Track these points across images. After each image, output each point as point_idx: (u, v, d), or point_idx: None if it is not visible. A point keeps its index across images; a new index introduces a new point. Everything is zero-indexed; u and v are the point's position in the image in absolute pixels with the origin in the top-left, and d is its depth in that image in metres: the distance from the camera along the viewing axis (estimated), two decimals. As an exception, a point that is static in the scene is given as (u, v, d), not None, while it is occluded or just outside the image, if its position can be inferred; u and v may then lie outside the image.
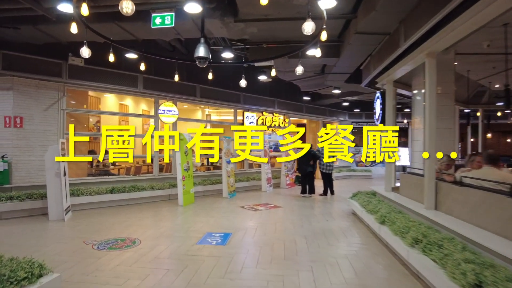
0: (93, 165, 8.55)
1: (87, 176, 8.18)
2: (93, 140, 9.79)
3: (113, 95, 10.96)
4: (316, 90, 10.58)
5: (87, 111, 8.22)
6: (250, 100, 10.70)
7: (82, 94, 8.40)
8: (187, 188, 7.81)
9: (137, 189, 7.90)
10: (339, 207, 7.83)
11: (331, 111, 14.69)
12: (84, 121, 8.36)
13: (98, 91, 7.90)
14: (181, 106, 14.57)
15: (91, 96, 9.69)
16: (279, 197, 9.31)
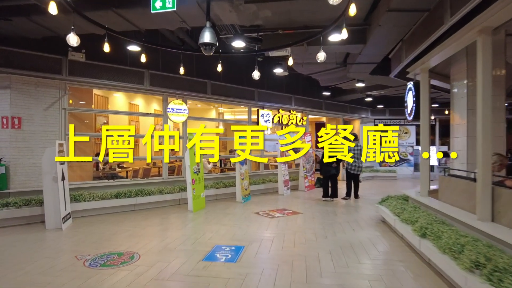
0: (99, 167, 8.06)
1: (92, 179, 7.70)
2: (100, 142, 9.32)
3: (122, 94, 10.51)
4: (337, 84, 9.76)
5: (90, 110, 7.73)
6: (265, 97, 9.99)
7: (87, 93, 7.94)
8: (197, 192, 7.18)
9: (145, 193, 7.34)
10: (366, 214, 7.00)
11: (352, 108, 13.78)
12: (89, 122, 7.89)
13: (101, 88, 7.40)
14: (194, 106, 14.06)
15: (98, 95, 9.25)
16: (297, 201, 8.56)
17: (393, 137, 5.68)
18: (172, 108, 7.99)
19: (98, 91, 9.25)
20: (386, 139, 5.64)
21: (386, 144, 5.64)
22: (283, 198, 8.98)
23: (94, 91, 9.10)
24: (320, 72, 8.73)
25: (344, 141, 5.58)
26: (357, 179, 9.18)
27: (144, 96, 11.23)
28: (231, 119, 14.41)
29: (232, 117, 15.75)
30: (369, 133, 5.70)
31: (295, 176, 10.76)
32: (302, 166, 10.32)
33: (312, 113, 11.95)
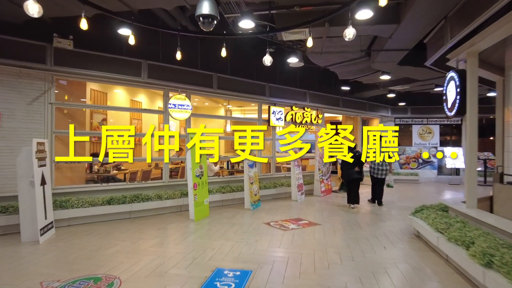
0: (93, 169, 7.28)
1: (85, 183, 6.91)
2: (97, 141, 8.56)
3: (123, 90, 9.75)
4: (357, 77, 8.76)
5: (80, 105, 6.91)
6: (278, 92, 9.06)
7: (79, 86, 7.15)
8: (200, 199, 6.31)
9: (141, 199, 6.52)
10: (395, 225, 6.00)
11: (371, 106, 12.71)
12: (81, 118, 7.11)
13: (92, 80, 6.55)
14: (202, 104, 13.25)
15: (95, 90, 8.49)
16: (313, 208, 7.59)
17: (393, 137, 5.71)
18: (173, 104, 7.14)
19: (95, 85, 8.50)
20: (386, 139, 5.71)
21: (386, 144, 5.67)
22: (297, 204, 8.03)
23: (91, 86, 8.37)
24: (339, 64, 7.76)
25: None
26: (382, 183, 8.23)
27: (148, 92, 10.46)
28: (239, 117, 13.55)
29: (241, 115, 14.89)
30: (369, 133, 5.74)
31: (309, 179, 9.79)
32: (318, 169, 9.35)
33: (329, 111, 10.95)
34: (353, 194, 7.83)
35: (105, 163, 7.81)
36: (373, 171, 8.13)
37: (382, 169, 8.08)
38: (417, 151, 14.29)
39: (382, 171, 8.04)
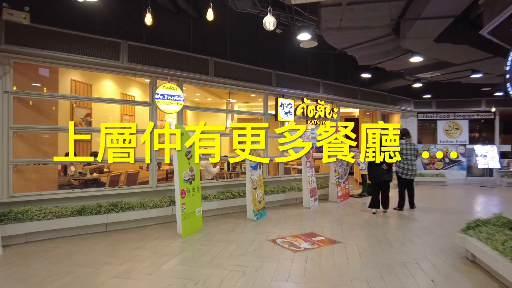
0: (67, 172, 6.16)
1: (57, 188, 5.79)
2: (78, 139, 7.47)
3: (112, 82, 8.67)
4: (381, 62, 7.43)
5: (47, 95, 5.59)
6: (286, 82, 7.80)
7: (53, 75, 5.98)
8: (190, 209, 5.11)
9: (120, 208, 5.37)
10: (435, 242, 4.69)
11: (392, 99, 11.30)
12: (49, 111, 5.94)
13: (56, 64, 5.24)
14: (204, 100, 12.09)
15: (77, 81, 7.41)
16: (330, 218, 6.31)
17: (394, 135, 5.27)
18: (162, 94, 5.97)
19: (76, 75, 7.43)
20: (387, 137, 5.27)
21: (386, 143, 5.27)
22: (310, 213, 6.76)
23: (71, 75, 7.28)
24: (360, 45, 6.45)
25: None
26: (411, 185, 7.09)
27: (142, 85, 9.36)
28: (242, 111, 12.32)
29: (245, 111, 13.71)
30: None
31: (324, 182, 8.51)
32: (334, 171, 8.05)
33: (346, 104, 9.62)
34: (384, 198, 6.84)
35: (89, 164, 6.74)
36: (402, 171, 6.96)
37: (413, 169, 6.97)
38: (442, 149, 12.82)
39: (412, 171, 6.97)
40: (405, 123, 12.34)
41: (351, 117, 14.31)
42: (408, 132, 7.18)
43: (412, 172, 6.95)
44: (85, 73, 7.64)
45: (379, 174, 6.77)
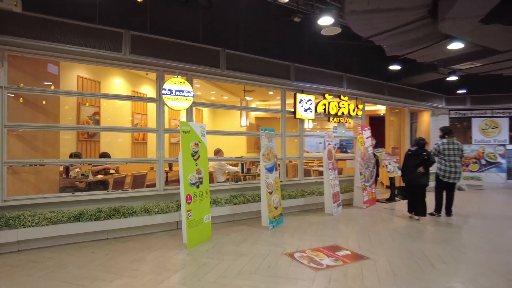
0: (69, 174, 5.77)
1: (58, 192, 5.39)
2: (86, 139, 7.12)
3: (123, 79, 8.30)
4: (413, 51, 6.61)
5: (42, 90, 5.05)
6: (306, 75, 7.13)
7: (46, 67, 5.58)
8: (197, 216, 4.56)
9: (122, 213, 4.90)
10: (485, 260, 3.91)
11: (422, 95, 10.37)
12: (50, 109, 5.52)
13: (52, 57, 4.76)
14: (220, 98, 11.58)
15: (84, 78, 7.06)
16: (356, 227, 5.60)
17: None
18: (169, 89, 5.48)
19: (83, 71, 7.08)
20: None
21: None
22: (333, 221, 6.07)
23: (77, 71, 6.93)
24: (389, 31, 5.70)
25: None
26: (452, 189, 6.33)
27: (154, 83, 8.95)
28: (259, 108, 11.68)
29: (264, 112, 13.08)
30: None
31: (347, 186, 7.78)
32: (359, 173, 7.30)
33: (371, 100, 8.83)
34: (419, 204, 6.14)
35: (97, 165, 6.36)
36: (443, 173, 6.24)
37: (456, 172, 6.18)
38: (478, 150, 11.72)
39: (455, 174, 6.21)
40: (435, 122, 11.36)
41: (376, 116, 13.42)
42: (451, 131, 6.41)
43: (455, 175, 6.17)
44: (93, 69, 7.29)
45: (414, 177, 6.12)
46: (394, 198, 8.24)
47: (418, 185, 6.08)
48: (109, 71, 7.81)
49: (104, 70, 7.63)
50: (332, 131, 8.49)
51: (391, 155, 8.58)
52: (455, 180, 6.18)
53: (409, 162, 6.32)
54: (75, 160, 5.79)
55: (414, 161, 6.23)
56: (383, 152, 8.51)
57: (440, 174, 6.29)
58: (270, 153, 5.64)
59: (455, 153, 6.24)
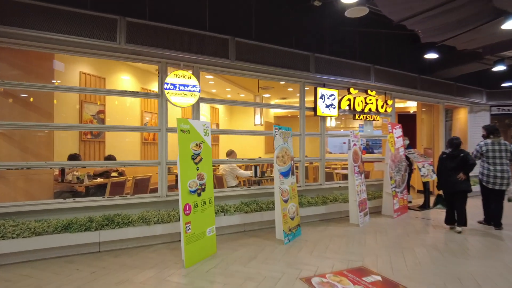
0: (65, 178, 5.28)
1: (53, 197, 4.91)
2: (89, 139, 6.66)
3: (131, 76, 7.82)
4: (453, 36, 5.66)
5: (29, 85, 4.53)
6: (328, 67, 6.34)
7: (40, 62, 5.06)
8: (198, 229, 3.90)
9: (116, 223, 4.33)
10: None
11: (460, 89, 9.26)
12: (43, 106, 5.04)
13: (37, 48, 4.23)
14: (236, 96, 10.90)
15: (87, 74, 6.60)
16: (386, 242, 4.77)
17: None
18: (172, 83, 4.87)
19: (86, 67, 6.63)
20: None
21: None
22: (359, 232, 5.25)
23: (80, 67, 6.49)
24: (426, 12, 4.82)
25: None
26: (500, 197, 5.40)
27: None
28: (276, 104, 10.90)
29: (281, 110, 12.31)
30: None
31: (375, 192, 6.91)
32: (389, 178, 6.41)
33: (402, 96, 7.88)
34: (459, 212, 5.31)
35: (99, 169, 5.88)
36: (486, 179, 5.33)
37: (503, 177, 5.25)
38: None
39: (502, 180, 5.28)
40: (474, 119, 10.19)
41: (405, 113, 12.34)
42: (497, 129, 5.46)
43: (501, 180, 5.23)
44: (97, 65, 6.84)
45: (452, 182, 5.24)
46: (428, 205, 7.28)
47: (458, 191, 5.21)
48: (115, 67, 7.35)
49: (110, 66, 7.17)
50: (358, 129, 7.63)
51: (424, 156, 7.61)
52: (502, 186, 5.24)
53: (445, 166, 5.47)
54: (67, 163, 5.28)
55: (451, 164, 5.39)
56: (415, 153, 7.56)
57: (483, 179, 5.42)
58: (285, 155, 4.90)
59: (502, 155, 5.31)
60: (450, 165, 5.35)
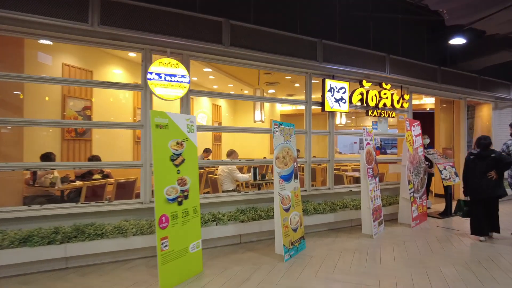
0: (36, 181, 4.66)
1: (22, 203, 4.30)
2: (73, 138, 6.07)
3: (123, 69, 7.21)
4: (484, 17, 4.85)
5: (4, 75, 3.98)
6: (337, 56, 5.60)
7: (11, 49, 4.46)
8: (177, 246, 3.22)
9: (87, 235, 3.69)
10: None
11: (484, 82, 8.38)
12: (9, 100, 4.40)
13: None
14: (239, 92, 10.15)
15: (71, 66, 6.01)
16: (405, 258, 4.01)
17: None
18: (158, 73, 4.22)
19: (70, 58, 6.03)
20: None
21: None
22: (373, 246, 4.51)
23: (62, 58, 5.90)
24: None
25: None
26: None
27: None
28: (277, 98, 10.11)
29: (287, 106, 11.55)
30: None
31: (391, 197, 6.15)
32: (407, 182, 5.63)
33: (420, 90, 7.07)
34: (493, 219, 4.68)
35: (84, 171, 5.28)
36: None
37: None
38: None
39: None
40: (499, 116, 9.30)
41: (421, 111, 11.48)
42: None
43: None
44: (84, 56, 6.25)
45: (483, 186, 4.49)
46: (450, 212, 6.48)
47: (492, 197, 4.45)
48: (104, 59, 6.74)
49: (98, 57, 6.57)
50: (372, 126, 6.86)
51: (446, 157, 6.81)
52: None
53: (473, 168, 4.70)
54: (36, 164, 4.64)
55: (481, 167, 4.62)
56: (435, 153, 6.76)
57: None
58: (287, 156, 4.19)
59: None
60: (480, 167, 4.59)
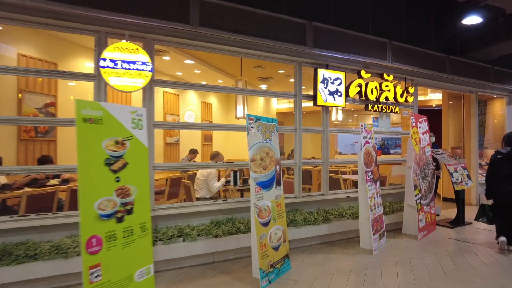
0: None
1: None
2: (32, 138, 5.36)
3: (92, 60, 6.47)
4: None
5: None
6: (331, 41, 4.84)
7: None
8: (115, 275, 2.48)
9: (15, 257, 2.97)
10: None
11: (498, 74, 7.56)
12: None
13: None
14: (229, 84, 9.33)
15: (31, 58, 5.31)
16: (413, 284, 3.24)
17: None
18: (112, 59, 3.52)
19: (28, 49, 5.33)
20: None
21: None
22: (373, 264, 3.74)
23: (18, 47, 5.20)
24: None
25: None
26: None
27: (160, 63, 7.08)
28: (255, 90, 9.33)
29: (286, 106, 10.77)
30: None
31: (394, 203, 5.38)
32: (413, 186, 4.84)
33: (425, 82, 6.29)
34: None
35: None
36: None
37: None
38: None
39: None
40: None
41: (426, 107, 10.69)
42: None
43: None
44: (45, 46, 5.55)
45: (507, 190, 3.73)
46: (463, 220, 5.70)
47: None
48: (70, 50, 6.02)
49: (63, 47, 5.87)
50: (372, 123, 6.08)
51: (456, 158, 6.02)
52: None
53: (501, 169, 3.96)
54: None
55: (509, 168, 3.88)
56: (444, 153, 5.99)
57: None
58: (266, 157, 3.44)
59: None
60: (507, 168, 3.88)
